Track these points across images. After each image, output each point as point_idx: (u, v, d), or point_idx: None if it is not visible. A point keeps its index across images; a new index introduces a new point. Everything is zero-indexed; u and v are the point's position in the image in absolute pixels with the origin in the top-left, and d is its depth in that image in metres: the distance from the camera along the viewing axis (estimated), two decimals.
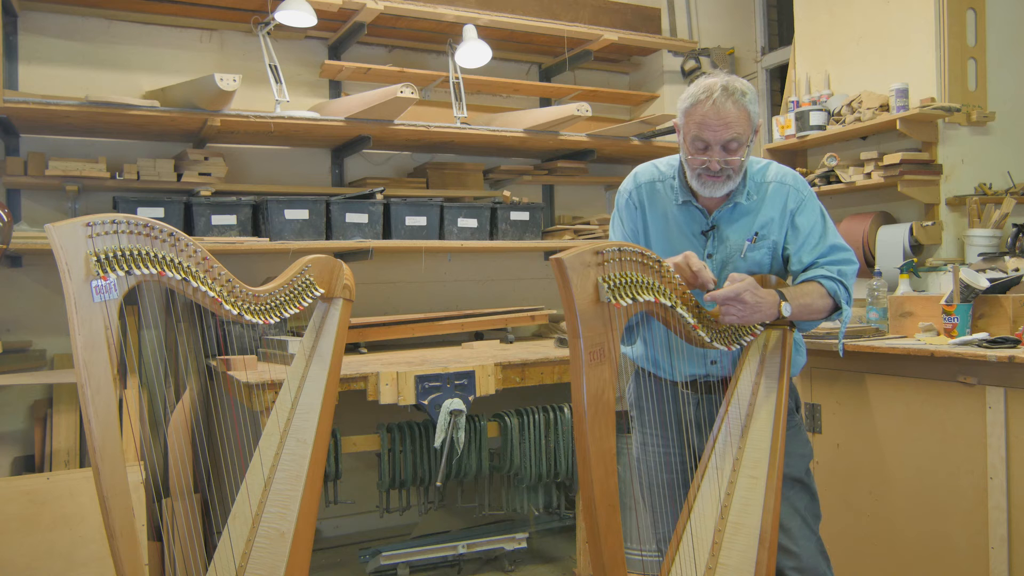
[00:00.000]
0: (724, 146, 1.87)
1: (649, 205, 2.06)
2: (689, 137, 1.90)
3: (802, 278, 1.97)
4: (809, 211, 2.00)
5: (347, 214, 3.41)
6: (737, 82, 1.87)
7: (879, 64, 3.50)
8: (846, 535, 2.84)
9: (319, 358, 2.11)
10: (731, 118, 1.84)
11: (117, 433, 1.53)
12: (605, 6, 4.23)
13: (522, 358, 3.05)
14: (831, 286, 1.93)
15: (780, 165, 2.06)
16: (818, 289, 1.93)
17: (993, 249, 3.15)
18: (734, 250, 1.99)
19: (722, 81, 1.86)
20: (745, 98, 1.85)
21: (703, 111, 1.85)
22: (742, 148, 1.88)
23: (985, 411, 2.42)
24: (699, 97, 1.86)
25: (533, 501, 3.18)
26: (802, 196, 2.00)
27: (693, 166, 1.92)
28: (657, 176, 2.08)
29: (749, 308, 1.78)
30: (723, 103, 1.83)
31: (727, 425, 1.91)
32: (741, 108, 1.85)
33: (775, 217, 1.99)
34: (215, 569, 1.83)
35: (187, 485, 3.07)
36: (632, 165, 4.65)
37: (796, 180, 2.02)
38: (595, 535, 1.51)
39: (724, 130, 1.85)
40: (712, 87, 1.85)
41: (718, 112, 1.84)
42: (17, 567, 2.70)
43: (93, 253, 1.51)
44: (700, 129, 1.86)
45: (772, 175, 2.02)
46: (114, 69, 3.48)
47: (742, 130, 1.86)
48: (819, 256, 1.98)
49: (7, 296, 3.27)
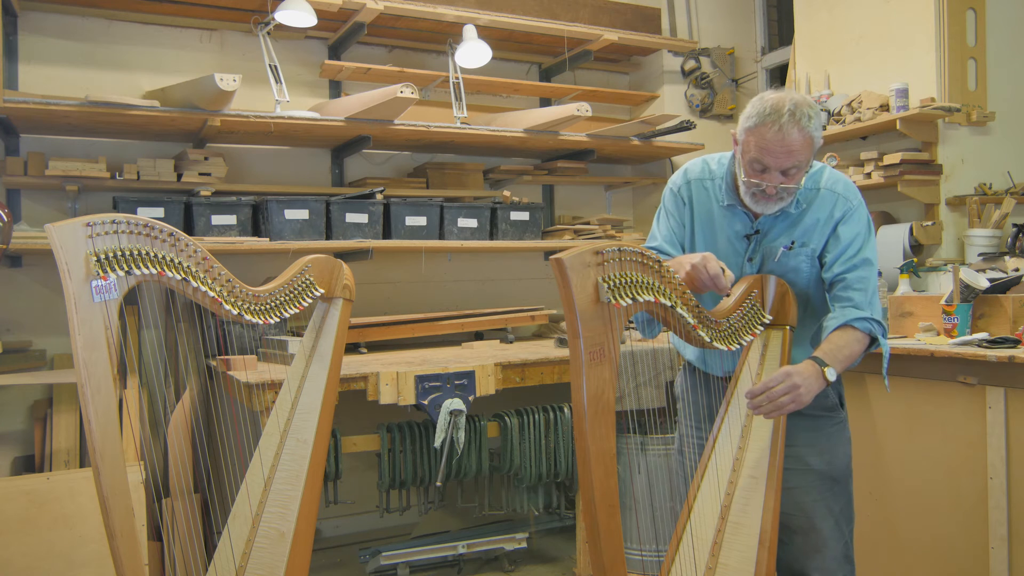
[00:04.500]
0: (783, 171, 1.80)
1: (696, 202, 2.03)
2: (748, 157, 1.83)
3: (833, 323, 1.87)
4: (854, 222, 1.93)
5: (347, 214, 3.41)
6: (805, 105, 1.77)
7: (879, 64, 3.50)
8: None
9: (319, 358, 2.11)
10: (796, 146, 1.76)
11: (117, 433, 1.53)
12: (605, 6, 4.23)
13: (522, 358, 3.05)
14: (865, 327, 1.85)
15: (834, 171, 1.99)
16: (854, 335, 1.85)
17: (993, 249, 3.15)
18: (774, 256, 1.96)
19: (790, 103, 1.75)
20: (811, 123, 1.76)
21: (767, 136, 1.76)
22: (801, 172, 1.82)
23: (985, 411, 2.42)
24: (765, 119, 1.76)
25: (533, 501, 3.18)
26: (850, 206, 1.93)
27: (748, 185, 1.86)
28: (707, 174, 2.03)
29: (801, 391, 1.69)
30: (789, 130, 1.74)
31: (727, 425, 1.92)
32: (806, 135, 1.76)
33: (819, 224, 1.93)
34: (215, 569, 1.83)
35: (187, 485, 3.07)
36: (632, 165, 4.70)
37: (847, 189, 1.95)
38: (595, 535, 1.51)
39: (786, 158, 1.78)
40: (780, 109, 1.75)
41: (783, 139, 1.75)
42: (17, 567, 2.70)
43: (93, 253, 1.51)
44: (760, 153, 1.79)
45: (824, 181, 1.95)
46: (114, 69, 3.48)
47: (804, 157, 1.79)
48: (849, 268, 1.90)
49: (7, 296, 3.26)
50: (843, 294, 1.90)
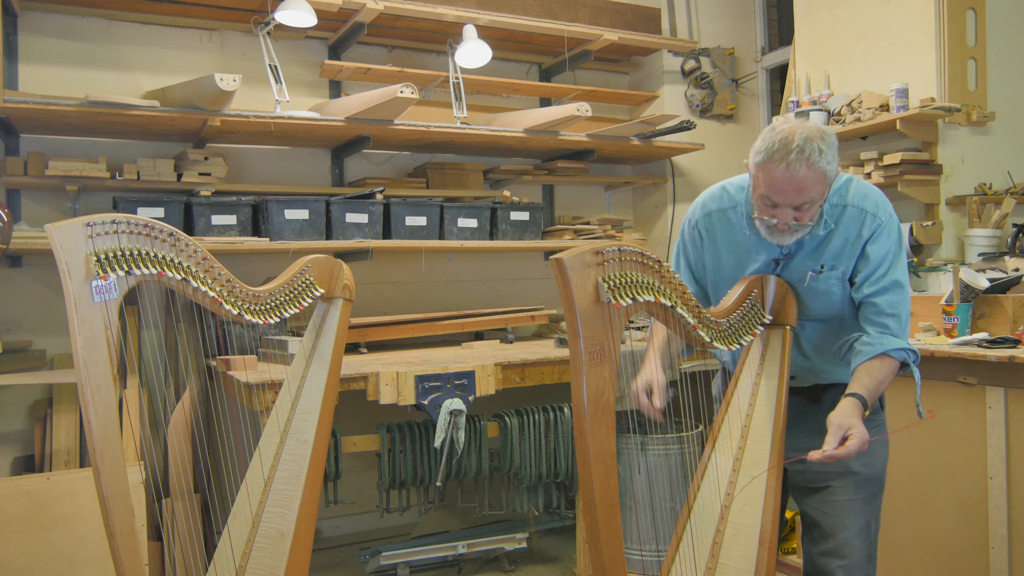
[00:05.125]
0: (796, 207, 1.75)
1: (720, 232, 1.98)
2: (758, 192, 1.78)
3: (870, 349, 1.82)
4: (884, 239, 1.85)
5: (347, 214, 3.41)
6: (816, 138, 1.70)
7: (879, 64, 3.50)
8: None
9: (319, 358, 2.11)
10: (806, 183, 1.70)
11: (117, 433, 1.53)
12: (605, 6, 4.23)
13: (522, 358, 3.05)
14: (901, 356, 1.82)
15: (861, 183, 1.91)
16: (891, 366, 1.82)
17: (993, 249, 3.15)
18: (803, 280, 1.93)
19: (799, 138, 1.69)
20: (823, 159, 1.69)
21: (776, 173, 1.71)
22: (815, 206, 1.77)
23: (985, 411, 2.42)
24: (773, 156, 1.70)
25: (533, 501, 3.18)
26: (878, 223, 1.85)
27: (760, 221, 1.82)
28: (728, 203, 1.97)
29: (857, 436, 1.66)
30: (798, 167, 1.68)
31: (727, 425, 1.92)
32: (817, 170, 1.69)
33: (847, 244, 1.87)
34: (215, 569, 1.83)
35: (187, 485, 3.07)
36: (632, 165, 4.70)
37: (877, 205, 1.87)
38: (595, 535, 1.51)
39: (796, 195, 1.72)
40: (788, 146, 1.69)
41: (791, 177, 1.70)
42: (17, 567, 2.70)
43: (93, 253, 1.51)
44: (770, 190, 1.74)
45: (851, 197, 1.87)
46: (114, 69, 3.48)
47: (817, 192, 1.73)
48: (879, 292, 1.85)
49: (7, 296, 3.26)
50: (877, 319, 1.85)
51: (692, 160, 4.50)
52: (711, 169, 4.51)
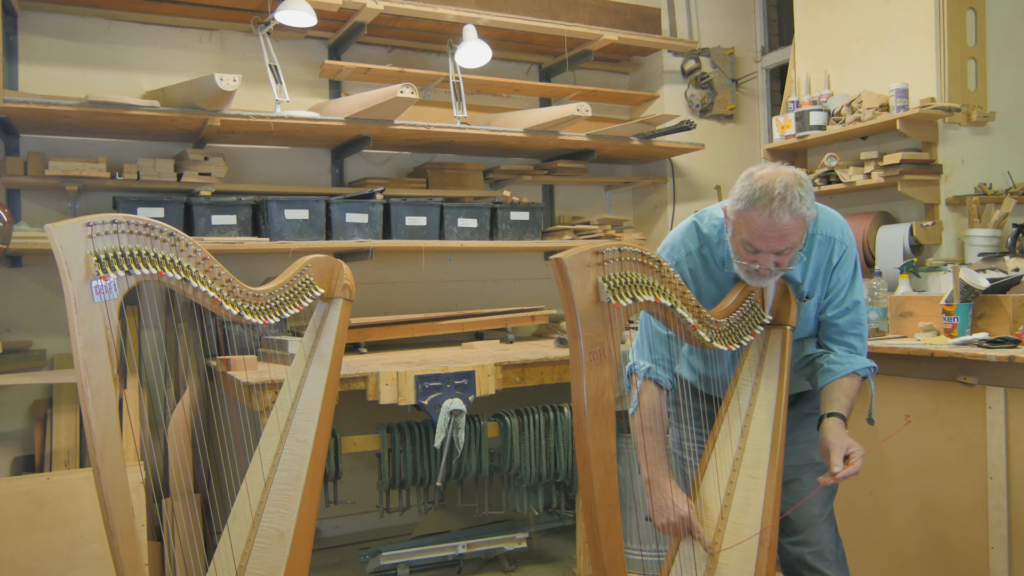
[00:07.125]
0: (777, 252, 1.78)
1: (699, 269, 1.98)
2: (739, 239, 1.79)
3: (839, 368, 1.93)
4: (847, 263, 1.95)
5: (347, 214, 3.41)
6: (795, 184, 1.71)
7: (879, 64, 3.50)
8: (846, 535, 2.82)
9: (319, 358, 2.11)
10: (788, 230, 1.72)
11: (117, 433, 1.53)
12: (605, 6, 4.23)
13: (522, 358, 3.05)
14: (866, 373, 1.96)
15: (827, 211, 1.96)
16: (859, 382, 1.94)
17: (993, 249, 3.15)
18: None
19: (780, 186, 1.70)
20: (803, 204, 1.71)
21: (759, 221, 1.72)
22: (795, 251, 1.80)
23: (985, 411, 2.42)
24: (755, 204, 1.72)
25: (533, 501, 3.18)
26: (844, 247, 1.94)
27: (740, 267, 1.84)
28: (702, 240, 1.97)
29: (858, 452, 1.75)
30: (780, 215, 1.70)
31: (727, 425, 1.92)
32: (799, 217, 1.72)
33: (820, 272, 1.95)
34: (215, 569, 1.83)
35: (187, 485, 3.08)
36: (632, 165, 4.70)
37: (842, 231, 1.95)
38: (595, 535, 1.51)
39: (778, 242, 1.75)
40: (770, 194, 1.70)
41: (774, 224, 1.71)
42: (17, 567, 2.70)
43: (93, 253, 1.51)
44: (752, 237, 1.76)
45: (820, 226, 1.93)
46: (114, 69, 3.48)
47: (798, 238, 1.76)
48: (840, 314, 1.96)
49: (7, 296, 3.26)
50: (840, 339, 1.97)
51: (692, 160, 4.50)
52: (711, 169, 4.51)
